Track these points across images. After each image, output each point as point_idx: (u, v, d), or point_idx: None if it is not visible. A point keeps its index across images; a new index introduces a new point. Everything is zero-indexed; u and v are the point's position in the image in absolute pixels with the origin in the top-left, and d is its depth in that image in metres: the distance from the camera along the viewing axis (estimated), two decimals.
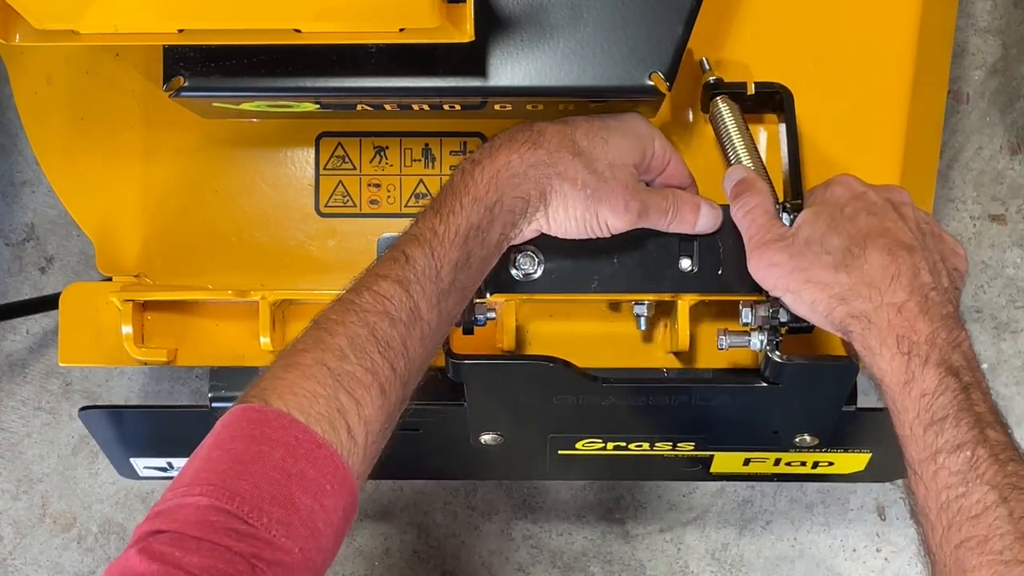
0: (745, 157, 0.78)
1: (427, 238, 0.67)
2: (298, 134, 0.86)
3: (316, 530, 0.58)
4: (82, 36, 0.65)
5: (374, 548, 1.10)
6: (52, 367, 1.11)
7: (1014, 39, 1.10)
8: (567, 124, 0.72)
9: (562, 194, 0.69)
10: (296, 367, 0.62)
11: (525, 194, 0.69)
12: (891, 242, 0.68)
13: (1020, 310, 1.10)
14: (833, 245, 0.68)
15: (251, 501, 0.56)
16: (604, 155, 0.71)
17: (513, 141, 0.70)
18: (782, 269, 0.69)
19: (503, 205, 0.68)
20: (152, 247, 0.87)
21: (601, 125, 0.73)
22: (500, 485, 1.09)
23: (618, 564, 1.10)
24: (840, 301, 0.67)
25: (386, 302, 0.64)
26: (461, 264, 0.67)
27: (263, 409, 0.59)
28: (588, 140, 0.71)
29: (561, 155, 0.69)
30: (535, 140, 0.70)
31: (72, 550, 1.11)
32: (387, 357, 0.63)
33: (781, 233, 0.71)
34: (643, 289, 0.78)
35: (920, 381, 0.64)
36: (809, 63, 0.83)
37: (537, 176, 0.69)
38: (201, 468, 0.58)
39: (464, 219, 0.67)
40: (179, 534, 0.54)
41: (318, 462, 0.59)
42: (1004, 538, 0.59)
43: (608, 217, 0.70)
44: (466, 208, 0.67)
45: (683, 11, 0.74)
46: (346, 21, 0.65)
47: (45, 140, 0.88)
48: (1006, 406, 1.09)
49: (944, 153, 1.08)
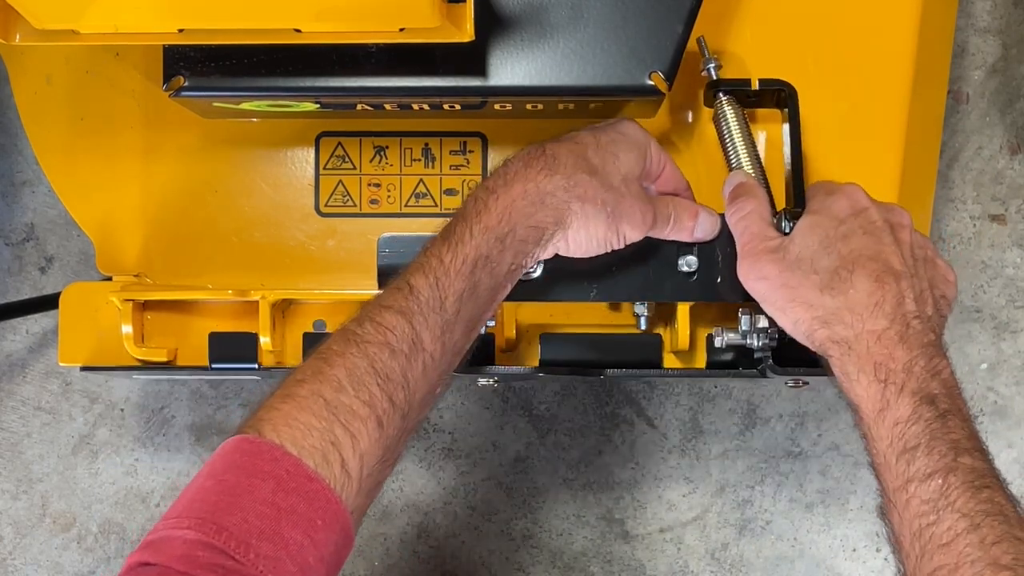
0: (746, 160, 0.77)
1: (432, 267, 0.65)
2: (298, 134, 0.86)
3: (306, 566, 0.57)
4: (82, 36, 0.65)
5: (374, 548, 1.10)
6: (52, 367, 1.11)
7: (1014, 39, 1.10)
8: (577, 143, 0.70)
9: (583, 216, 0.68)
10: (292, 398, 0.61)
11: (540, 223, 0.67)
12: (880, 268, 0.67)
13: (1020, 310, 1.10)
14: (823, 265, 0.68)
15: (238, 536, 0.55)
16: (617, 170, 0.70)
17: (528, 168, 0.68)
18: (770, 283, 0.69)
19: (516, 235, 0.66)
20: (152, 247, 0.87)
21: (607, 140, 0.71)
22: (500, 485, 1.09)
23: (618, 564, 1.10)
24: (823, 324, 0.67)
25: (387, 333, 0.63)
26: (467, 295, 0.65)
27: (256, 441, 0.59)
28: (600, 157, 0.70)
29: (579, 177, 0.68)
30: (550, 166, 0.68)
31: (72, 550, 1.11)
32: (386, 389, 0.62)
33: (773, 245, 0.70)
34: (642, 297, 0.78)
35: (894, 409, 0.64)
36: (809, 63, 0.83)
37: (555, 204, 0.67)
38: (193, 499, 0.58)
39: (473, 248, 0.65)
40: (165, 568, 0.54)
41: (309, 496, 0.58)
42: (975, 565, 0.59)
43: (627, 231, 0.69)
44: (476, 238, 0.65)
45: (683, 11, 0.74)
46: (346, 21, 0.65)
47: (45, 140, 0.88)
48: (1006, 406, 1.09)
49: (944, 153, 1.08)
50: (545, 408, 1.09)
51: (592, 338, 0.84)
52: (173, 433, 1.11)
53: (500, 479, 1.10)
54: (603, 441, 1.09)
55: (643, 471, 1.09)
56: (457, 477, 1.10)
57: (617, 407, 1.09)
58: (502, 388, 1.09)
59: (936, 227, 1.08)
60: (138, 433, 1.11)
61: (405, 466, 1.09)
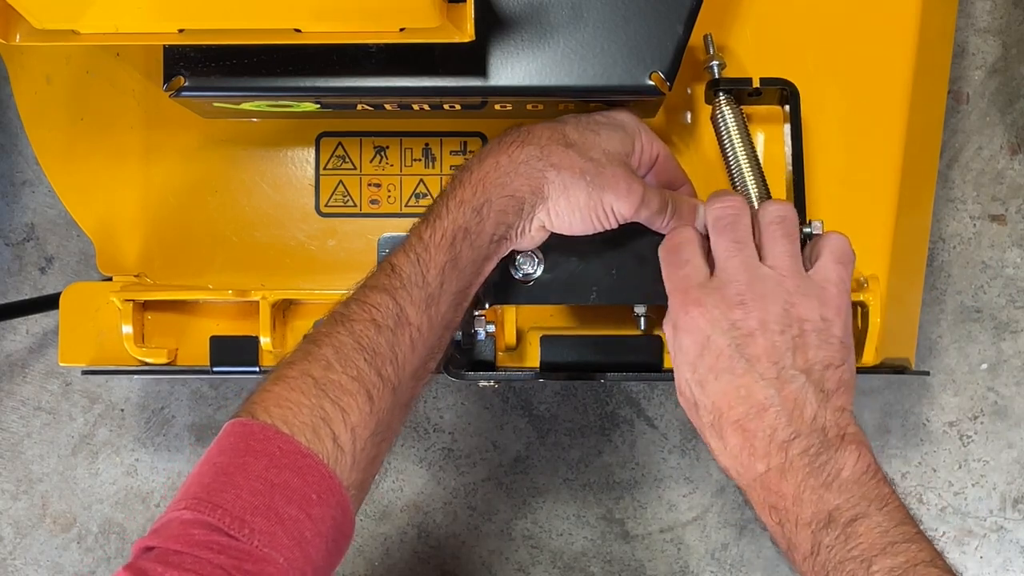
0: (744, 161, 0.77)
1: (412, 244, 0.67)
2: (298, 134, 0.86)
3: (303, 539, 0.58)
4: (82, 36, 0.65)
5: (374, 548, 1.10)
6: (52, 367, 1.11)
7: (1014, 39, 1.10)
8: (557, 122, 0.72)
9: (560, 185, 0.68)
10: (282, 380, 0.62)
11: (515, 192, 0.68)
12: (742, 412, 0.64)
13: (1020, 310, 1.10)
14: (702, 417, 0.67)
15: (233, 513, 0.56)
16: (597, 144, 0.70)
17: (501, 143, 0.70)
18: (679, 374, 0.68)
19: (492, 206, 0.67)
20: (152, 247, 0.87)
21: (589, 119, 0.72)
22: (500, 485, 1.09)
23: (618, 564, 1.10)
24: (724, 469, 0.67)
25: (372, 310, 0.64)
26: (449, 267, 0.66)
27: (248, 423, 0.60)
28: (579, 133, 0.70)
29: (553, 147, 0.69)
30: (523, 138, 0.69)
31: (72, 550, 1.11)
32: (373, 364, 0.62)
33: (678, 376, 0.68)
34: (643, 300, 0.78)
35: (799, 546, 0.63)
36: (809, 63, 0.83)
37: (528, 172, 0.68)
38: (191, 483, 0.59)
39: (451, 222, 0.67)
40: (163, 549, 0.55)
41: (303, 471, 0.59)
42: None
43: (613, 202, 0.68)
44: (452, 212, 0.67)
45: (683, 11, 0.74)
46: (346, 21, 0.65)
47: (45, 140, 0.88)
48: (1006, 406, 1.09)
49: (944, 153, 1.08)
50: (545, 408, 1.10)
51: (592, 340, 0.84)
52: (173, 433, 1.11)
53: (500, 479, 1.10)
54: (603, 441, 1.09)
55: (643, 471, 1.09)
56: (457, 477, 1.10)
57: (617, 407, 1.09)
58: (502, 388, 1.09)
59: (936, 227, 1.08)
60: (138, 433, 1.11)
61: (405, 466, 1.10)
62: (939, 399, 1.09)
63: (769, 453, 0.64)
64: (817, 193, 0.82)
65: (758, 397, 0.64)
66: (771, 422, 0.64)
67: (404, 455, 1.09)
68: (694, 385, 0.66)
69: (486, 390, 1.09)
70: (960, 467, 1.09)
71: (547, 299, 0.75)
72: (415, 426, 1.09)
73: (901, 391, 1.09)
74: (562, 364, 0.84)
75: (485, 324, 0.78)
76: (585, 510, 1.10)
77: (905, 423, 1.09)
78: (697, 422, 0.68)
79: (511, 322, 0.83)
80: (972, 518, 1.09)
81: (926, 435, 1.09)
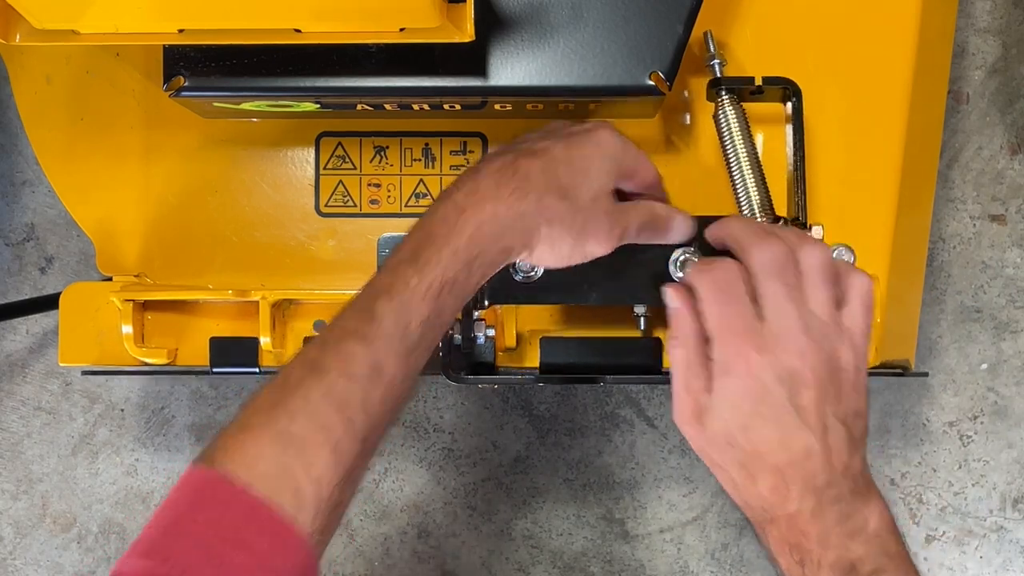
0: (744, 160, 0.77)
1: (399, 291, 0.64)
2: (298, 134, 0.86)
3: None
4: (82, 36, 0.65)
5: (374, 548, 1.10)
6: (52, 367, 1.11)
7: (1014, 39, 1.10)
8: (550, 160, 0.68)
9: (550, 238, 0.67)
10: (247, 428, 0.61)
11: (507, 246, 0.67)
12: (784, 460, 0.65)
13: (1020, 310, 1.10)
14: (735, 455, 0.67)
15: (182, 564, 0.56)
16: (588, 189, 0.68)
17: (500, 188, 0.66)
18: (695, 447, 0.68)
19: (483, 259, 0.66)
20: (152, 247, 0.87)
21: (579, 156, 0.69)
22: (500, 485, 1.09)
23: (618, 564, 1.10)
24: (742, 504, 0.68)
25: (347, 362, 0.62)
26: (432, 319, 0.64)
27: (206, 471, 0.59)
28: (571, 176, 0.68)
29: (549, 201, 0.67)
30: (521, 187, 0.66)
31: (72, 550, 1.11)
32: (343, 415, 0.61)
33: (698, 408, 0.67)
34: (642, 301, 0.78)
35: None
36: (809, 63, 0.83)
37: (524, 227, 0.66)
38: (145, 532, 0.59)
39: (440, 272, 0.64)
40: None
41: (258, 521, 0.58)
42: None
43: (594, 248, 0.69)
44: (444, 261, 0.64)
45: (683, 11, 0.74)
46: (346, 21, 0.65)
47: (45, 140, 0.88)
48: (1006, 406, 1.09)
49: (944, 153, 1.08)
50: (545, 408, 1.10)
51: (592, 341, 0.84)
52: (173, 433, 1.11)
53: (500, 479, 1.10)
54: (603, 441, 1.09)
55: (643, 471, 1.09)
56: (457, 477, 1.10)
57: (617, 407, 1.09)
58: (502, 389, 1.09)
59: (936, 227, 1.08)
60: (138, 433, 1.11)
61: (405, 466, 1.10)
62: (939, 399, 1.09)
63: (803, 497, 0.64)
64: (817, 193, 0.82)
65: (803, 445, 0.65)
66: (811, 469, 0.65)
67: (404, 455, 1.09)
68: (735, 428, 0.66)
69: (486, 390, 1.09)
70: (960, 467, 1.09)
71: (547, 299, 0.74)
72: (415, 426, 1.09)
73: (901, 391, 1.09)
74: (562, 365, 0.84)
75: (485, 328, 0.78)
76: (585, 510, 1.10)
77: (905, 423, 1.09)
78: (719, 457, 0.67)
79: (511, 323, 0.83)
80: (972, 518, 1.09)
81: (926, 435, 1.09)
